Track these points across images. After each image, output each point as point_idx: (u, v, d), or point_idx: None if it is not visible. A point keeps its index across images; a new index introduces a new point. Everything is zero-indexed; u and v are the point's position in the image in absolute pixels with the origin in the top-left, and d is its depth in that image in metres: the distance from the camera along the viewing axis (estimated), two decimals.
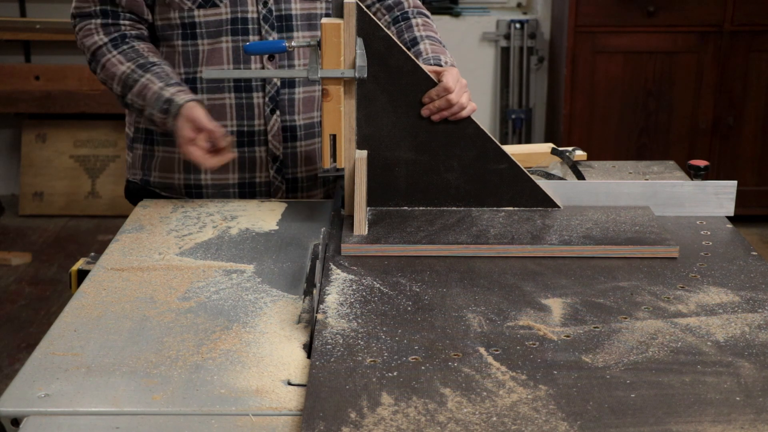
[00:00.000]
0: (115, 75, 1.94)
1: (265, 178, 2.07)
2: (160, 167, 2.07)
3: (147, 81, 1.90)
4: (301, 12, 2.01)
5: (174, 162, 2.05)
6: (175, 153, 2.04)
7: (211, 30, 1.96)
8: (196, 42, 1.98)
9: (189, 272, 1.58)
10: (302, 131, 2.07)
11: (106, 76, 1.97)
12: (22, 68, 4.98)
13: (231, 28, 1.96)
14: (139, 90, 1.91)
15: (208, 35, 1.97)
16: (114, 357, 1.30)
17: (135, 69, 1.92)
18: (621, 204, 1.80)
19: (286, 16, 1.99)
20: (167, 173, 2.06)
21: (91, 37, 1.98)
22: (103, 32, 1.97)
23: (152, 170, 2.08)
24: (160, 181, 2.07)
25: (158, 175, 2.07)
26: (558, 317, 1.39)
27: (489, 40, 5.04)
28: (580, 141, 4.55)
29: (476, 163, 1.75)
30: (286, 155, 2.06)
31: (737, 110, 4.56)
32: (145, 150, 2.09)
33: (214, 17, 1.96)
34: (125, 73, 1.93)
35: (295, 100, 2.04)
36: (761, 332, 1.35)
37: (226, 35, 1.97)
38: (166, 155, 2.06)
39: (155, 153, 2.07)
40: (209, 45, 1.97)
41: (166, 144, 2.05)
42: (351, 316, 1.37)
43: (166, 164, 2.06)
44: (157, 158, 2.07)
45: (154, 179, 2.07)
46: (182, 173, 2.05)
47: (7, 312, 3.91)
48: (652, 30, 4.46)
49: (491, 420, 1.12)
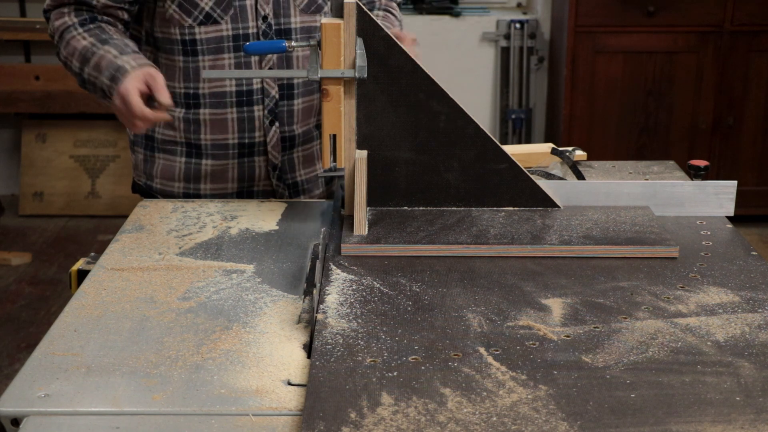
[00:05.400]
0: (75, 50, 1.90)
1: (264, 186, 2.08)
2: (161, 175, 2.07)
3: (104, 52, 1.86)
4: (301, 25, 2.01)
5: (174, 170, 2.05)
6: (176, 161, 2.05)
7: (212, 47, 1.96)
8: (197, 59, 1.97)
9: (189, 272, 1.58)
10: (300, 138, 2.09)
11: (67, 54, 1.92)
12: (22, 68, 4.98)
13: (233, 44, 1.96)
14: (95, 62, 1.87)
15: (209, 51, 1.96)
16: (114, 357, 1.30)
17: (95, 43, 1.88)
18: (621, 204, 1.80)
19: (285, 30, 1.99)
20: (168, 181, 2.07)
21: (62, 18, 1.95)
22: (74, 15, 1.94)
23: (154, 177, 2.08)
24: (161, 188, 2.08)
25: (159, 182, 2.08)
26: (558, 317, 1.39)
27: (489, 40, 5.04)
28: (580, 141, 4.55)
29: (476, 163, 1.74)
30: (284, 162, 2.07)
31: (737, 110, 4.56)
32: (145, 155, 2.09)
33: (215, 34, 1.95)
34: (85, 47, 1.89)
35: (294, 112, 2.05)
36: (761, 332, 1.35)
37: (228, 52, 1.97)
38: (167, 163, 2.06)
39: (156, 159, 2.07)
40: (210, 61, 1.97)
41: (166, 152, 2.05)
42: (351, 316, 1.37)
43: (166, 172, 2.06)
44: (158, 165, 2.07)
45: (156, 186, 2.08)
46: (182, 182, 2.06)
47: (7, 312, 3.91)
48: (652, 30, 4.46)
49: (491, 420, 1.12)
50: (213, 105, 2.00)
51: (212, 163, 2.04)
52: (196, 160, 2.04)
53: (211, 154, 2.03)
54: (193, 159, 2.04)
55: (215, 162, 2.04)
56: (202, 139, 2.02)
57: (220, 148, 2.03)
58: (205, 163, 2.04)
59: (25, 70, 4.97)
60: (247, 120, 2.02)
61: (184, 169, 2.05)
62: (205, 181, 2.05)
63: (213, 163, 2.04)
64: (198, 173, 2.05)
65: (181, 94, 2.00)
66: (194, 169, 2.05)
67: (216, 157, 2.04)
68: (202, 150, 2.03)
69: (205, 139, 2.02)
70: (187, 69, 1.98)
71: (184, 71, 1.98)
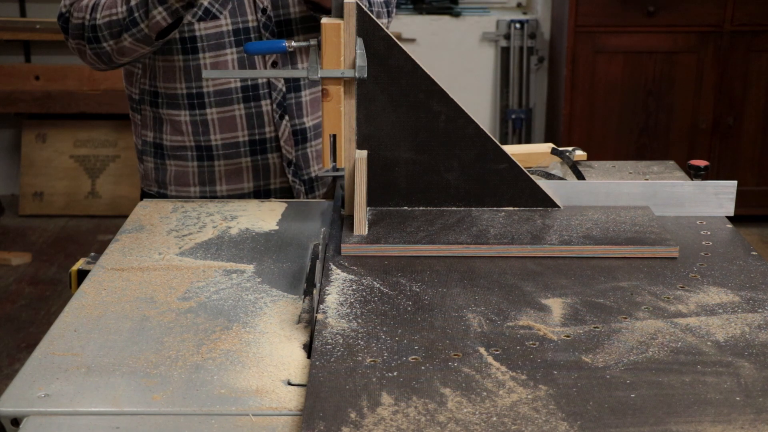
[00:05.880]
0: (116, 0, 1.82)
1: (280, 183, 2.07)
2: (176, 181, 2.06)
3: None
4: (300, 15, 2.00)
5: (188, 175, 2.05)
6: (188, 166, 2.04)
7: (213, 43, 1.95)
8: (198, 56, 1.96)
9: (189, 272, 1.58)
10: (312, 132, 2.08)
11: (108, 12, 1.83)
12: (22, 68, 4.98)
13: (234, 39, 1.95)
14: None
15: (210, 48, 1.96)
16: (114, 357, 1.30)
17: None
18: (621, 204, 1.80)
19: (285, 22, 1.99)
20: (183, 187, 2.06)
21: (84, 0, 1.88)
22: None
23: (168, 184, 2.07)
24: (177, 194, 2.07)
25: (175, 189, 2.07)
26: (558, 317, 1.39)
27: (489, 40, 5.04)
28: (580, 141, 4.55)
29: (476, 163, 1.74)
30: (299, 157, 2.07)
31: (737, 110, 4.56)
32: (156, 164, 2.08)
33: (214, 29, 1.95)
34: None
35: (302, 104, 2.04)
36: (761, 332, 1.35)
37: (230, 47, 1.96)
38: (179, 169, 2.05)
39: (167, 167, 2.06)
40: (212, 58, 1.96)
41: (177, 158, 2.05)
42: (351, 316, 1.37)
43: (180, 178, 2.06)
44: (171, 172, 2.06)
45: (171, 193, 2.07)
46: (197, 186, 2.05)
47: (7, 312, 3.91)
48: (652, 30, 4.46)
49: (491, 420, 1.12)
50: (219, 103, 1.99)
51: (225, 163, 2.03)
52: (208, 163, 2.03)
53: (223, 155, 2.03)
54: (205, 162, 2.03)
55: (228, 162, 2.04)
56: (212, 140, 2.02)
57: (231, 147, 2.03)
58: (218, 164, 2.03)
59: (25, 70, 4.97)
60: (255, 116, 2.01)
61: (198, 173, 2.04)
62: (221, 182, 2.04)
63: (226, 163, 2.03)
64: (212, 175, 2.04)
65: (183, 95, 1.99)
66: (208, 172, 2.04)
67: (228, 156, 2.03)
68: (213, 151, 2.03)
69: (215, 140, 2.02)
70: (188, 68, 1.97)
71: (185, 70, 1.97)
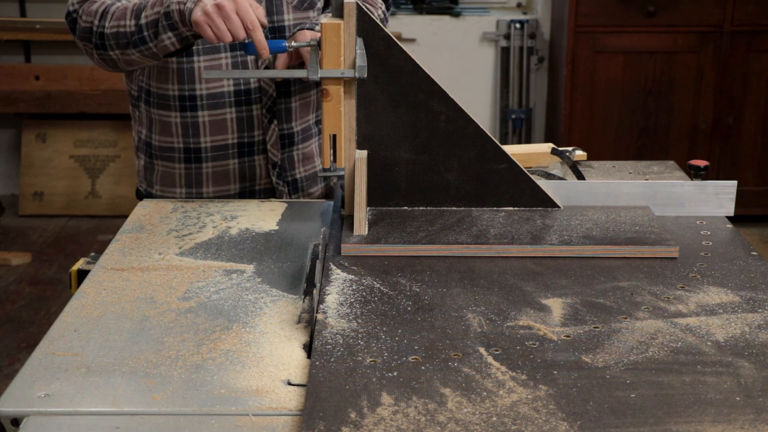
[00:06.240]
0: (126, 9, 1.83)
1: (265, 185, 2.07)
2: (161, 182, 2.06)
3: None
4: (294, 22, 2.01)
5: (175, 176, 2.05)
6: (175, 168, 2.04)
7: (208, 46, 1.95)
8: (192, 59, 1.96)
9: (189, 272, 1.58)
10: (299, 136, 2.09)
11: (117, 23, 1.84)
12: (22, 68, 4.98)
13: (229, 44, 1.95)
14: (153, 2, 1.80)
15: (205, 51, 1.96)
16: (114, 357, 1.30)
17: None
18: (621, 204, 1.80)
19: (279, 28, 1.99)
20: (169, 188, 2.06)
21: (97, 3, 1.88)
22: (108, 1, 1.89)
23: (154, 184, 2.07)
24: (162, 195, 2.07)
25: (160, 189, 2.07)
26: (558, 317, 1.39)
27: (489, 40, 5.04)
28: (580, 141, 4.55)
29: (476, 163, 1.75)
30: (284, 160, 2.07)
31: (737, 110, 4.56)
32: (146, 162, 2.08)
33: None
34: (135, 4, 1.83)
35: (291, 109, 2.05)
36: (761, 332, 1.35)
37: (224, 51, 1.96)
38: (166, 170, 2.05)
39: (155, 166, 2.06)
40: (206, 61, 1.96)
41: (164, 159, 2.05)
42: (351, 316, 1.37)
43: (166, 179, 2.06)
44: (158, 172, 2.06)
45: (156, 193, 2.07)
46: (183, 187, 2.05)
47: (7, 312, 3.91)
48: (652, 30, 4.46)
49: (491, 420, 1.12)
50: (211, 106, 1.99)
51: (213, 165, 2.03)
52: (196, 165, 2.03)
53: (211, 157, 2.03)
54: (192, 164, 2.03)
55: (216, 164, 2.04)
56: (201, 143, 2.02)
57: (220, 150, 2.03)
58: (206, 166, 2.03)
59: (25, 70, 4.97)
60: (246, 119, 2.01)
61: (185, 175, 2.04)
62: (207, 184, 2.04)
63: (214, 165, 2.03)
64: (199, 177, 2.04)
65: (175, 96, 1.99)
66: (195, 174, 2.04)
67: (216, 158, 2.03)
68: (202, 153, 2.03)
69: (204, 142, 2.02)
70: (182, 70, 1.97)
71: (178, 72, 1.97)
